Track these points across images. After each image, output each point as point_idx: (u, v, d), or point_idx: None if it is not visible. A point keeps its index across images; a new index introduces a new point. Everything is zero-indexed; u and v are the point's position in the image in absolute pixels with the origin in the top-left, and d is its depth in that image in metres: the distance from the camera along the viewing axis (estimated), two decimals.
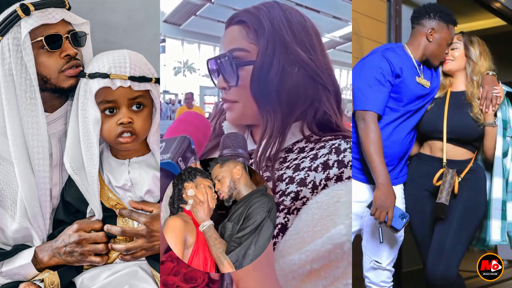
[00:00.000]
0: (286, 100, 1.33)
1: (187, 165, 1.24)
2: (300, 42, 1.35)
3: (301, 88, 1.33)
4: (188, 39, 9.29)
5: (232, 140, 1.28)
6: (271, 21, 1.34)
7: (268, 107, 1.34)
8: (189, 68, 9.76)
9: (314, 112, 1.36)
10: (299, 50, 1.33)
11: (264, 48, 1.33)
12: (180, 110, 7.60)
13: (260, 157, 1.35)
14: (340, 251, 1.20)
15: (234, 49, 1.38)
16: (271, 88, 1.33)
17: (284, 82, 1.32)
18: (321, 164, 1.30)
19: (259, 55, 1.33)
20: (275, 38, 1.33)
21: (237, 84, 1.37)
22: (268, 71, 1.32)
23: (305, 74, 1.34)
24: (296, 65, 1.33)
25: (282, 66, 1.32)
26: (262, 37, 1.33)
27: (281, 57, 1.32)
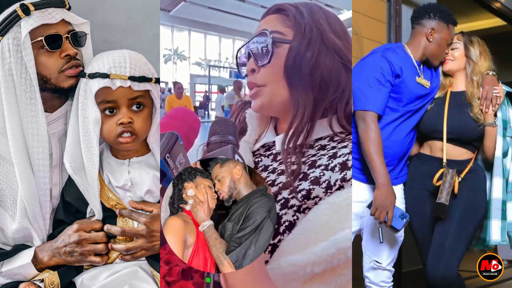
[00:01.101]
0: (319, 84, 1.31)
1: (175, 161, 1.23)
2: (336, 32, 1.35)
3: (334, 75, 1.31)
4: (178, 26, 9.13)
5: (221, 126, 1.27)
6: (309, 11, 1.35)
7: (300, 90, 1.31)
8: (179, 56, 9.61)
9: (346, 101, 1.33)
10: (334, 37, 1.33)
11: (301, 31, 1.32)
12: (169, 99, 7.50)
13: (288, 144, 1.30)
14: (344, 256, 1.16)
15: (270, 32, 1.36)
16: (305, 70, 1.30)
17: (318, 66, 1.30)
18: (339, 164, 1.26)
19: (296, 36, 1.32)
20: (312, 24, 1.33)
21: (269, 61, 1.33)
22: (305, 52, 1.31)
23: (339, 61, 1.33)
24: (331, 51, 1.32)
25: (318, 49, 1.31)
26: (300, 22, 1.33)
27: (317, 41, 1.32)
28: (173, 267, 1.34)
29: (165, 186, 1.24)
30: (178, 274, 1.39)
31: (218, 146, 1.27)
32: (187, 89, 8.21)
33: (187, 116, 1.34)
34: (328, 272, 1.16)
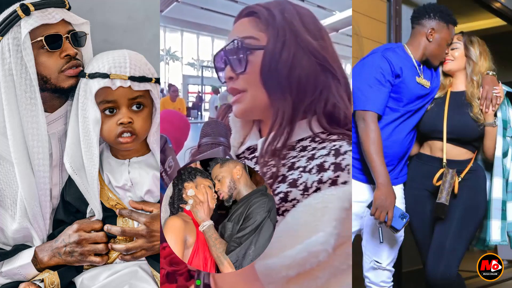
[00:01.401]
0: (296, 87, 1.29)
1: (164, 165, 1.22)
2: (311, 31, 1.33)
3: (311, 76, 1.30)
4: (171, 26, 9.09)
5: (213, 128, 1.27)
6: (282, 12, 1.33)
7: (278, 94, 1.30)
8: (171, 56, 9.56)
9: (324, 102, 1.32)
10: (309, 38, 1.31)
11: (275, 34, 1.30)
12: (163, 101, 7.50)
13: (267, 148, 1.30)
14: (315, 260, 1.14)
15: (244, 38, 1.34)
16: (282, 74, 1.29)
17: (295, 68, 1.29)
18: (317, 166, 1.24)
19: (270, 41, 1.30)
20: (285, 27, 1.31)
21: (245, 69, 1.33)
22: (280, 56, 1.29)
23: (316, 62, 1.31)
24: (307, 52, 1.30)
25: (293, 52, 1.29)
26: (273, 25, 1.31)
27: (292, 44, 1.30)
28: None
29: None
30: (163, 277, 1.40)
31: (209, 148, 1.27)
32: (180, 90, 8.18)
33: (177, 119, 1.34)
34: (303, 275, 1.15)
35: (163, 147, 1.22)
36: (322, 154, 1.25)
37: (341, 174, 1.21)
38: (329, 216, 1.16)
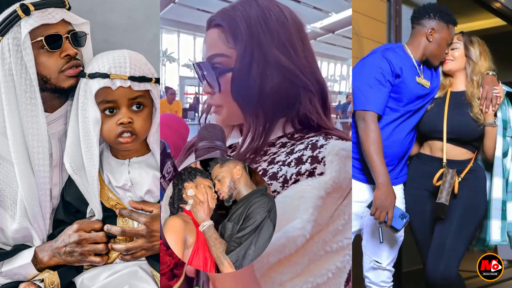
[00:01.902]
0: (267, 103, 1.32)
1: (163, 170, 1.23)
2: (280, 43, 1.32)
3: (282, 91, 1.31)
4: (167, 27, 9.13)
5: (209, 132, 1.27)
6: (248, 23, 1.31)
7: (250, 110, 1.34)
8: (168, 57, 9.60)
9: (296, 113, 1.35)
10: (278, 53, 1.31)
11: (242, 53, 1.31)
12: (160, 103, 7.54)
13: (242, 154, 1.34)
14: (293, 245, 1.18)
15: (214, 55, 1.36)
16: (252, 93, 1.32)
17: (264, 86, 1.31)
18: (295, 159, 1.27)
19: (238, 61, 1.32)
20: (253, 42, 1.30)
21: (220, 90, 1.36)
22: (247, 77, 1.31)
23: (286, 77, 1.32)
24: (275, 68, 1.31)
25: (261, 70, 1.30)
26: (240, 41, 1.31)
27: (259, 61, 1.31)
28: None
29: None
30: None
31: (206, 152, 1.27)
32: (177, 91, 8.22)
33: (176, 123, 1.34)
34: (283, 261, 1.18)
35: (161, 152, 1.22)
36: (300, 149, 1.29)
37: (317, 166, 1.24)
38: (306, 205, 1.20)
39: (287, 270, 1.19)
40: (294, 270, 1.19)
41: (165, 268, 1.32)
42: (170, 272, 1.32)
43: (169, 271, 1.31)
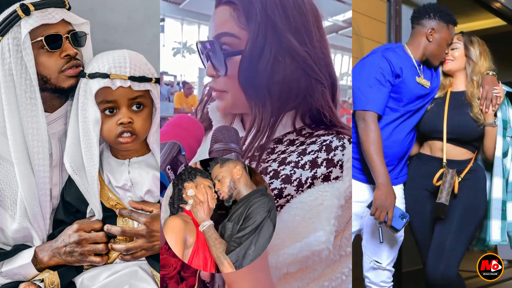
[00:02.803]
0: (277, 93, 1.24)
1: (176, 174, 1.20)
2: (295, 29, 1.23)
3: (293, 81, 1.23)
4: (188, 19, 9.04)
5: (224, 134, 1.25)
6: (263, 3, 1.22)
7: (257, 99, 1.26)
8: (188, 49, 9.54)
9: (307, 106, 1.28)
10: (293, 39, 1.22)
11: (254, 35, 1.21)
12: (178, 96, 7.48)
13: (246, 148, 1.28)
14: (318, 258, 1.16)
15: (223, 34, 1.26)
16: (261, 80, 1.23)
17: (275, 73, 1.22)
18: (309, 162, 1.22)
19: (249, 43, 1.22)
20: (267, 25, 1.21)
21: (226, 74, 1.28)
22: (258, 62, 1.22)
23: (298, 67, 1.24)
24: (288, 56, 1.22)
25: (273, 56, 1.22)
26: (253, 23, 1.21)
27: (272, 46, 1.22)
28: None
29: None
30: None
31: (221, 154, 1.26)
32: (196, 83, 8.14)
33: (191, 124, 1.27)
34: (302, 270, 1.17)
35: (176, 155, 1.18)
36: (314, 150, 1.23)
37: (333, 170, 1.20)
38: (327, 215, 1.17)
39: (304, 277, 1.17)
40: (311, 276, 1.17)
41: (171, 270, 1.31)
42: (178, 275, 1.32)
43: (177, 273, 1.31)
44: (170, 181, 1.16)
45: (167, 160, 1.17)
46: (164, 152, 1.17)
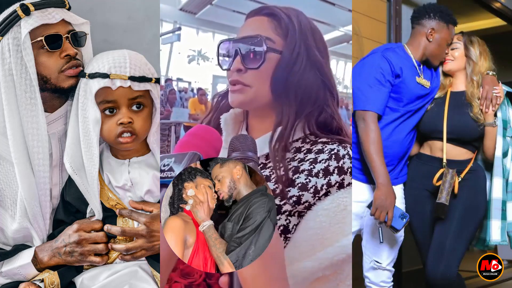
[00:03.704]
0: (301, 96, 1.38)
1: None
2: (319, 49, 1.42)
3: (314, 89, 1.38)
4: (203, 28, 9.29)
5: (241, 143, 1.27)
6: (299, 23, 1.40)
7: (284, 100, 1.37)
8: (202, 57, 9.80)
9: (319, 112, 1.40)
10: (318, 55, 1.40)
11: (292, 44, 1.38)
12: (192, 102, 7.57)
13: (274, 145, 1.36)
14: (348, 258, 1.25)
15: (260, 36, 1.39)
16: (291, 83, 1.37)
17: (302, 79, 1.38)
18: (322, 170, 1.32)
19: (287, 49, 1.38)
20: (301, 40, 1.39)
21: (259, 67, 1.38)
22: (294, 65, 1.37)
23: (319, 78, 1.40)
24: (315, 67, 1.39)
25: (304, 65, 1.38)
26: (292, 34, 1.38)
27: (304, 57, 1.38)
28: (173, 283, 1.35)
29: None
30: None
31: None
32: (209, 90, 8.30)
33: (210, 134, 1.32)
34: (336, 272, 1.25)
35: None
36: (324, 158, 1.33)
37: (345, 177, 1.31)
38: (349, 218, 1.28)
39: (335, 278, 1.26)
40: (341, 277, 1.26)
41: (198, 278, 1.32)
42: (205, 282, 1.32)
43: (203, 281, 1.32)
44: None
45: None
46: (185, 162, 1.22)
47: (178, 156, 1.23)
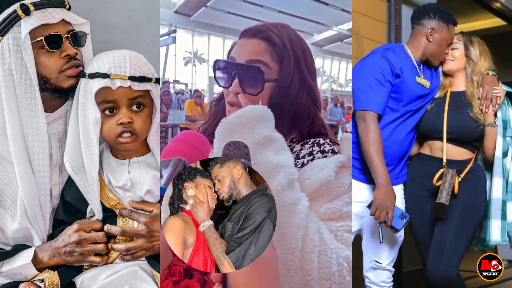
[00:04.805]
0: (293, 115, 1.52)
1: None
2: (310, 70, 1.55)
3: (305, 109, 1.53)
4: (199, 30, 9.40)
5: (234, 149, 1.27)
6: (293, 48, 1.52)
7: (277, 118, 1.48)
8: (198, 58, 9.92)
9: (310, 125, 1.54)
10: (309, 78, 1.53)
11: (287, 71, 1.50)
12: (189, 103, 7.63)
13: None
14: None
15: (259, 61, 1.49)
16: (285, 104, 1.51)
17: (295, 102, 1.51)
18: (307, 154, 1.46)
19: (283, 76, 1.50)
20: (295, 66, 1.51)
21: (257, 94, 1.48)
22: (288, 90, 1.50)
23: (309, 98, 1.54)
24: (305, 89, 1.52)
25: (297, 89, 1.51)
26: (287, 62, 1.50)
27: (296, 81, 1.52)
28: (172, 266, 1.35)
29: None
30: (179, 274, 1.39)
31: None
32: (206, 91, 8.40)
33: (196, 140, 1.35)
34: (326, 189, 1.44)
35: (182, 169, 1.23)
36: (308, 146, 1.49)
37: (327, 154, 1.47)
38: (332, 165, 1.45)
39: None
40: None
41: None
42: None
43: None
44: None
45: (172, 176, 1.23)
46: (169, 168, 1.25)
47: (164, 162, 1.25)
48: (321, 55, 12.65)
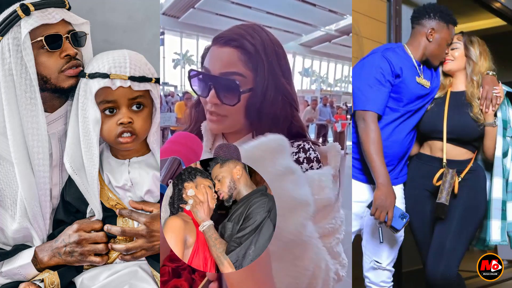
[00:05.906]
0: (271, 118, 1.51)
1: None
2: (284, 73, 1.54)
3: (282, 111, 1.53)
4: (187, 31, 9.31)
5: (225, 151, 1.28)
6: (266, 54, 1.50)
7: (255, 123, 1.50)
8: (188, 60, 9.83)
9: (288, 126, 1.54)
10: (285, 82, 1.53)
11: (261, 78, 1.49)
12: (179, 105, 7.60)
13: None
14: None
15: (234, 73, 1.47)
16: (262, 109, 1.50)
17: (272, 106, 1.50)
18: (294, 161, 1.44)
19: (257, 84, 1.49)
20: (269, 72, 1.49)
21: (234, 105, 1.47)
22: (264, 97, 1.49)
23: (287, 101, 1.53)
24: (281, 94, 1.52)
25: (273, 95, 1.50)
26: (261, 70, 1.49)
27: (272, 87, 1.50)
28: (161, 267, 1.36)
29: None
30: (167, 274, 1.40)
31: None
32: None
33: (189, 141, 1.36)
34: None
35: (177, 169, 1.24)
36: (294, 151, 1.48)
37: (313, 164, 1.46)
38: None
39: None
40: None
41: (184, 263, 1.32)
42: (189, 267, 1.33)
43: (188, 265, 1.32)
44: None
45: (168, 175, 1.23)
46: (165, 167, 1.24)
47: (162, 162, 1.25)
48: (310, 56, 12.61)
